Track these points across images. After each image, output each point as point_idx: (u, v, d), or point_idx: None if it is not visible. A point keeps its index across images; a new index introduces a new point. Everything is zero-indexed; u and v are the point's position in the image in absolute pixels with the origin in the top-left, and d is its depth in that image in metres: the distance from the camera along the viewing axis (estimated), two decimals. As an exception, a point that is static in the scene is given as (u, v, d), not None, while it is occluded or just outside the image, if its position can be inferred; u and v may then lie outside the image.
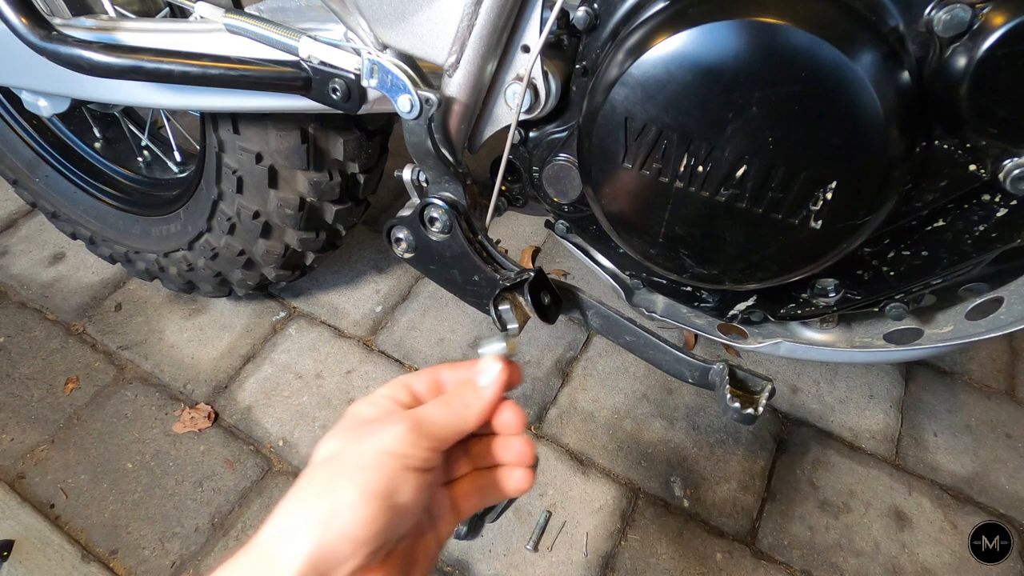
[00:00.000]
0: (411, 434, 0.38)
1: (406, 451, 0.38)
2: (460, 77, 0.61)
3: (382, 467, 0.37)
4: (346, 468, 0.37)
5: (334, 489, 0.36)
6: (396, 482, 0.36)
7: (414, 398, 0.45)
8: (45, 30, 0.65)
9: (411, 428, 0.39)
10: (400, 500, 0.36)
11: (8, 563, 0.90)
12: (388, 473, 0.36)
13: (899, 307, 0.68)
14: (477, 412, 0.43)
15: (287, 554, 0.33)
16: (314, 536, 0.34)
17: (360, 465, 0.37)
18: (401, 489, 0.36)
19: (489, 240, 0.66)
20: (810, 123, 0.50)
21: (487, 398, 0.43)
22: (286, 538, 0.34)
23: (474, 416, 0.43)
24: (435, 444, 0.39)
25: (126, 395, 1.11)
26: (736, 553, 0.95)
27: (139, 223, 1.14)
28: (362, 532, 0.34)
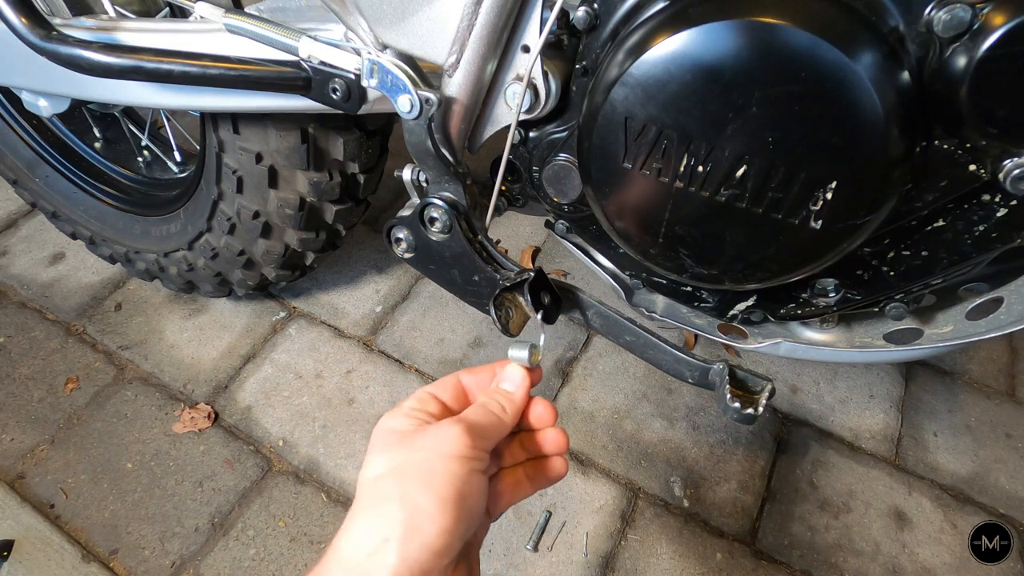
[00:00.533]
0: (468, 437, 0.39)
1: (468, 454, 0.38)
2: (460, 77, 0.61)
3: (451, 471, 0.37)
4: (415, 476, 0.37)
5: (410, 499, 0.36)
6: (467, 485, 0.37)
7: (442, 407, 0.46)
8: (45, 30, 0.65)
9: (466, 431, 0.40)
10: (471, 503, 0.37)
11: (8, 563, 0.90)
12: (459, 477, 0.37)
13: (899, 307, 0.68)
14: (513, 413, 0.45)
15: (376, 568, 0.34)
16: (397, 552, 0.34)
17: (430, 471, 0.37)
18: (472, 492, 0.37)
19: (489, 240, 0.66)
20: (810, 123, 0.50)
21: (518, 400, 0.46)
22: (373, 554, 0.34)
23: (511, 417, 0.45)
24: (487, 445, 0.41)
25: (126, 395, 1.11)
26: (736, 553, 0.95)
27: (139, 223, 1.14)
28: (442, 541, 0.35)
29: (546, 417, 0.49)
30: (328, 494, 1.00)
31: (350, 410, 1.10)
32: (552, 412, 0.49)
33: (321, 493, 1.00)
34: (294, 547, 0.94)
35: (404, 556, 0.34)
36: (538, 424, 0.49)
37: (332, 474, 1.02)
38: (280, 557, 0.93)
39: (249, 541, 0.94)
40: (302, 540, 0.94)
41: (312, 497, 0.99)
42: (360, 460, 1.03)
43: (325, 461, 1.03)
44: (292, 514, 0.97)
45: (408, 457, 0.39)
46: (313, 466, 1.03)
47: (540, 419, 0.49)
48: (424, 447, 0.39)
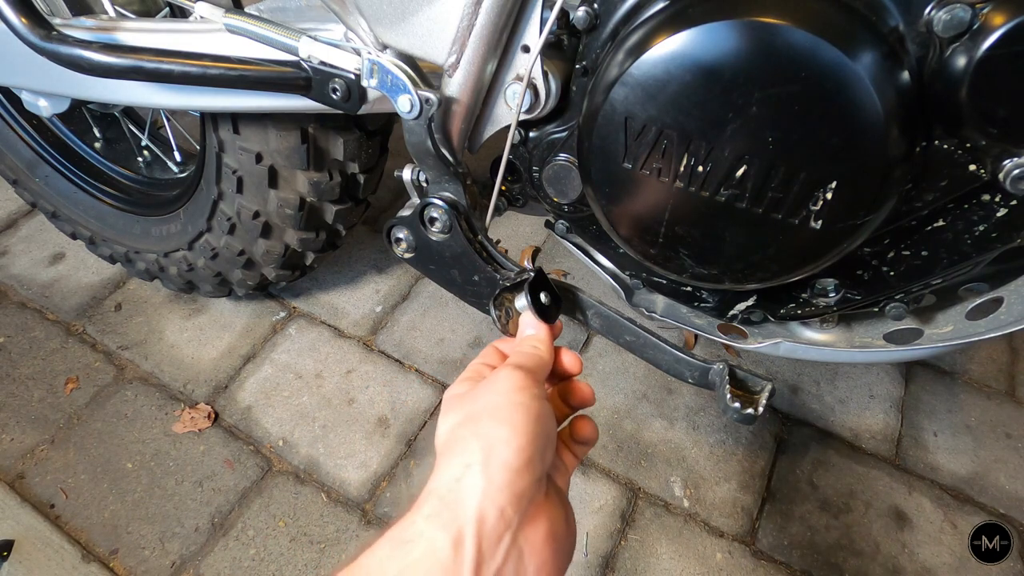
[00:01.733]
0: (519, 372, 0.44)
1: (524, 384, 0.43)
2: (460, 77, 0.61)
3: (514, 402, 0.41)
4: (485, 415, 0.41)
5: (484, 433, 0.39)
6: (533, 411, 0.41)
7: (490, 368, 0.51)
8: (45, 30, 0.65)
9: (516, 368, 0.44)
10: (540, 426, 0.40)
11: (8, 563, 0.90)
12: (522, 404, 0.41)
13: (899, 307, 0.68)
14: (546, 348, 0.51)
15: (465, 493, 0.36)
16: (482, 473, 0.37)
17: (495, 407, 0.41)
18: (539, 417, 0.41)
19: (489, 240, 0.66)
20: (810, 123, 0.50)
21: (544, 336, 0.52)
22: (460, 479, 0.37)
23: (546, 351, 0.50)
24: (538, 377, 0.45)
25: (126, 395, 1.11)
26: (736, 553, 0.95)
27: (139, 223, 1.14)
28: (520, 459, 0.38)
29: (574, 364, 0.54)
30: (328, 494, 1.00)
31: (350, 410, 1.10)
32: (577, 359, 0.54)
33: (321, 493, 1.00)
34: (294, 547, 0.94)
35: (488, 475, 0.37)
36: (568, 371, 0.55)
37: (332, 474, 1.02)
38: (280, 557, 0.93)
39: (249, 541, 0.94)
40: (302, 540, 0.94)
41: (312, 497, 0.99)
42: (360, 460, 1.03)
43: (325, 461, 1.03)
44: (292, 514, 0.97)
45: (474, 405, 0.42)
46: (313, 466, 1.03)
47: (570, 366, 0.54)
48: (485, 393, 0.43)
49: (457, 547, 0.35)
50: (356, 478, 1.01)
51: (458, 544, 0.35)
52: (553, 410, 0.49)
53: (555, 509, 0.40)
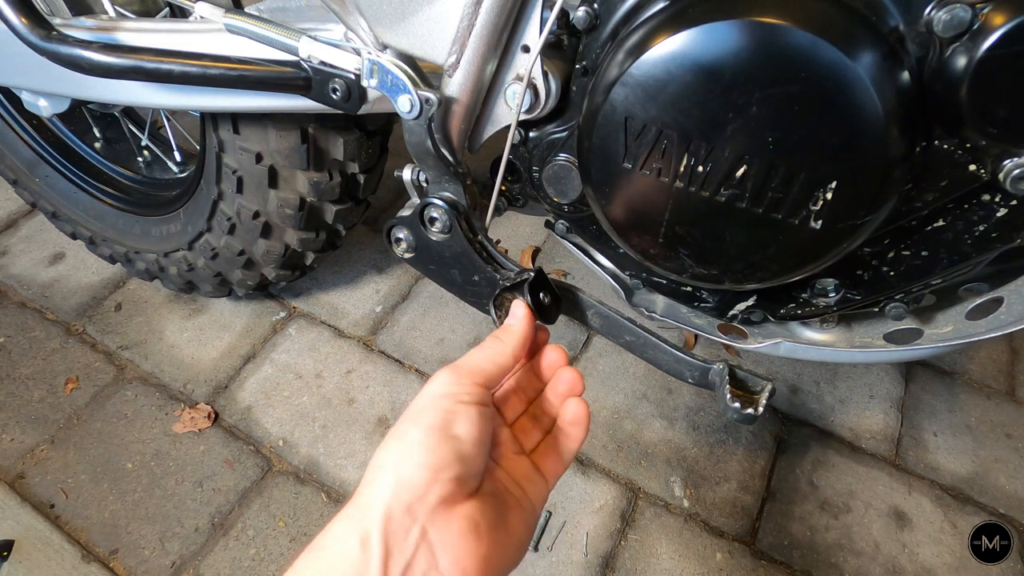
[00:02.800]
0: (452, 374, 0.45)
1: (452, 389, 0.43)
2: (460, 77, 0.61)
3: (436, 406, 0.42)
4: (407, 417, 0.42)
5: (401, 434, 0.41)
6: (450, 415, 0.41)
7: None
8: (45, 30, 0.65)
9: (451, 370, 0.45)
10: (458, 431, 0.41)
11: (8, 563, 0.90)
12: (442, 408, 0.42)
13: (899, 307, 0.68)
14: (511, 345, 0.50)
15: (374, 494, 0.38)
16: (392, 472, 0.38)
17: (418, 410, 0.42)
18: (456, 421, 0.41)
19: (489, 240, 0.66)
20: (810, 123, 0.50)
21: (517, 330, 0.51)
22: (371, 482, 0.39)
23: (509, 349, 0.49)
24: (479, 378, 0.45)
25: (126, 395, 1.11)
26: (736, 553, 0.95)
27: (139, 223, 1.14)
28: (430, 459, 0.39)
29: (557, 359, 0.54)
30: (328, 494, 1.00)
31: (350, 410, 1.10)
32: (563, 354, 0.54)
33: (321, 493, 1.00)
34: (294, 547, 0.94)
35: (398, 476, 0.38)
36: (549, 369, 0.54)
37: (332, 474, 1.02)
38: (280, 557, 0.92)
39: (249, 541, 0.94)
40: (302, 540, 0.94)
41: (312, 497, 0.99)
42: (360, 460, 1.03)
43: (325, 461, 1.03)
44: (292, 514, 0.97)
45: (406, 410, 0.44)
46: (313, 466, 1.03)
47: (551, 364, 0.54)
48: (418, 396, 0.44)
49: (365, 545, 0.36)
50: (356, 478, 1.01)
51: (365, 542, 0.36)
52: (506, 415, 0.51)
53: (484, 508, 0.41)
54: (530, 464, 0.49)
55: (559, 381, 0.53)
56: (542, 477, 0.49)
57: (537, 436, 0.52)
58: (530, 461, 0.49)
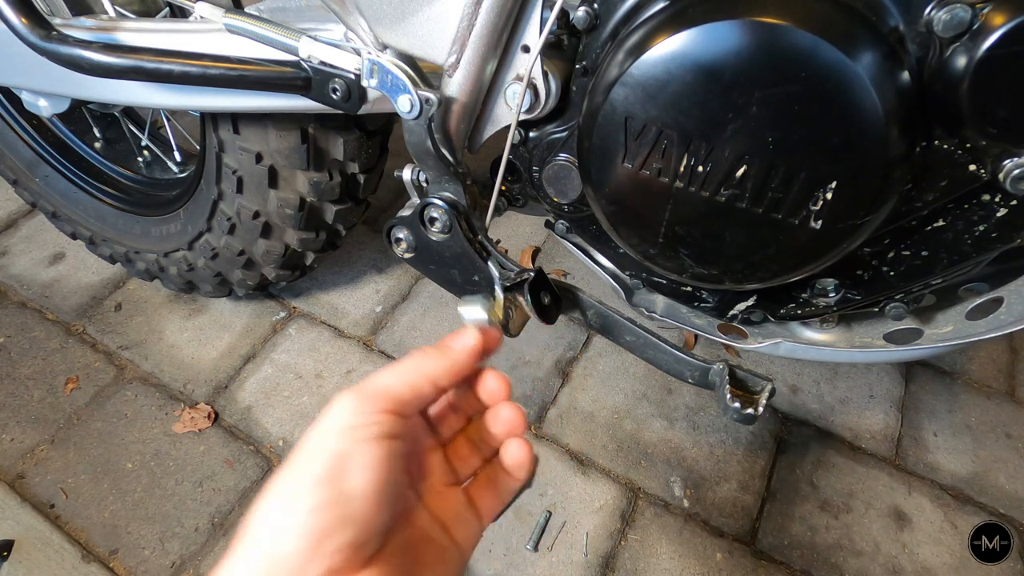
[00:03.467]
0: (354, 401, 0.35)
1: (352, 420, 0.34)
2: (460, 77, 0.61)
3: (327, 448, 0.33)
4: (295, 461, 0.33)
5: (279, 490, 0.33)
6: (343, 461, 0.32)
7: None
8: (45, 30, 0.65)
9: (354, 394, 0.35)
10: (352, 481, 0.32)
11: (8, 563, 0.90)
12: (333, 452, 0.33)
13: (899, 307, 0.68)
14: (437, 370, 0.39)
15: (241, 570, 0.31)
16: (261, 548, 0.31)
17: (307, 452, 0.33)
18: (351, 467, 0.32)
19: (489, 240, 0.66)
20: (810, 123, 0.50)
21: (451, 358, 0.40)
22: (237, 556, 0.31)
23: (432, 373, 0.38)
24: (388, 404, 0.36)
25: (126, 395, 1.11)
26: (736, 553, 0.95)
27: (139, 223, 1.14)
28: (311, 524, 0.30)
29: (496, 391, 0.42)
30: (328, 494, 0.99)
31: (350, 410, 1.10)
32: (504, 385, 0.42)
33: (321, 493, 1.00)
34: (294, 547, 0.94)
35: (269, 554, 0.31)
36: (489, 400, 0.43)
37: (332, 474, 1.02)
38: (280, 557, 0.92)
39: (249, 541, 0.94)
40: (302, 540, 0.94)
41: (312, 497, 0.99)
42: (360, 460, 1.03)
43: (325, 461, 1.03)
44: (292, 514, 0.97)
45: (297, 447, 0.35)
46: (313, 466, 1.03)
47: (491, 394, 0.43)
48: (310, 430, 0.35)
49: None
50: (356, 478, 1.01)
51: None
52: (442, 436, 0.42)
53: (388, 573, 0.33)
54: (463, 500, 0.41)
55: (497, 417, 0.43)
56: (476, 516, 0.41)
57: (475, 463, 0.43)
58: (464, 496, 0.42)
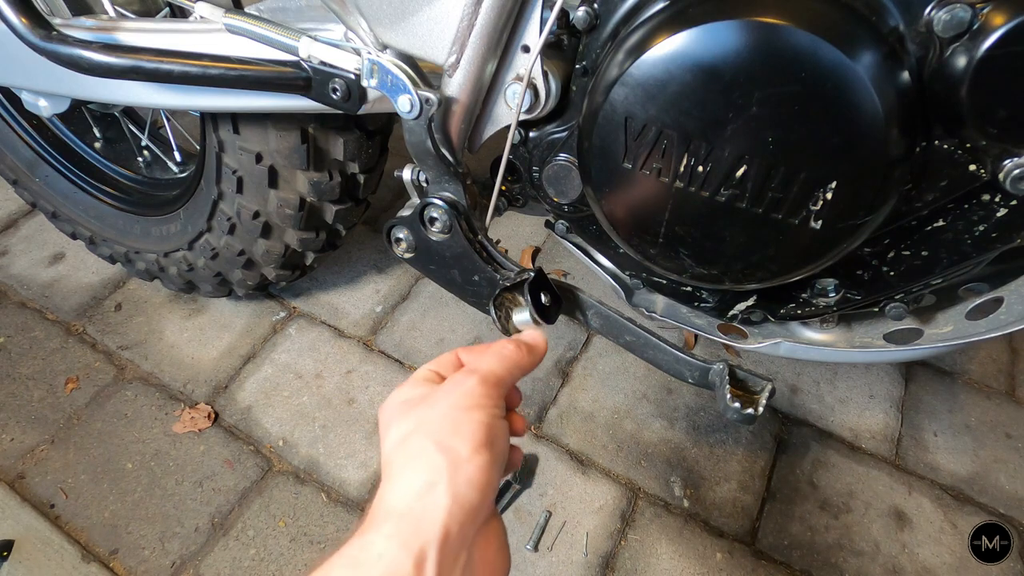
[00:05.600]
0: (483, 386, 0.42)
1: (486, 403, 0.41)
2: (460, 77, 0.61)
3: (475, 420, 0.39)
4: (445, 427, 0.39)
5: (447, 446, 0.38)
6: (493, 431, 0.40)
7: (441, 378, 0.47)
8: (45, 30, 0.65)
9: (481, 381, 0.42)
10: (500, 446, 0.40)
11: (8, 563, 0.90)
12: (483, 423, 0.39)
13: (899, 307, 0.68)
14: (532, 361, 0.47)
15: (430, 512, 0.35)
16: (448, 491, 0.36)
17: (456, 422, 0.39)
18: (498, 436, 0.40)
19: (489, 240, 0.66)
20: (810, 123, 0.50)
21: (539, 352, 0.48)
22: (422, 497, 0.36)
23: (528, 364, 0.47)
24: (503, 391, 0.43)
25: (126, 395, 1.11)
26: (736, 553, 0.95)
27: (139, 223, 1.14)
28: (484, 477, 0.37)
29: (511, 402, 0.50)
30: (328, 494, 1.00)
31: (350, 410, 1.10)
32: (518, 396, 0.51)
33: (321, 493, 1.00)
34: (294, 547, 0.94)
35: (454, 494, 0.36)
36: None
37: (332, 474, 1.02)
38: (280, 557, 0.92)
39: (249, 541, 0.94)
40: (302, 540, 0.94)
41: (312, 497, 0.99)
42: (360, 460, 1.03)
43: (325, 461, 1.03)
44: (292, 514, 0.97)
45: (430, 413, 0.40)
46: (313, 466, 1.03)
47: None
48: (444, 401, 0.41)
49: (419, 567, 0.34)
50: (356, 478, 1.01)
51: (420, 564, 0.34)
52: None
53: (499, 524, 0.40)
54: None
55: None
56: None
57: None
58: None
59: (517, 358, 0.46)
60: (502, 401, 0.43)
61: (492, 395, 0.42)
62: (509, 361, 0.46)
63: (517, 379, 0.46)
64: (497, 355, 0.46)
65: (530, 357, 0.47)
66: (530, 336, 0.50)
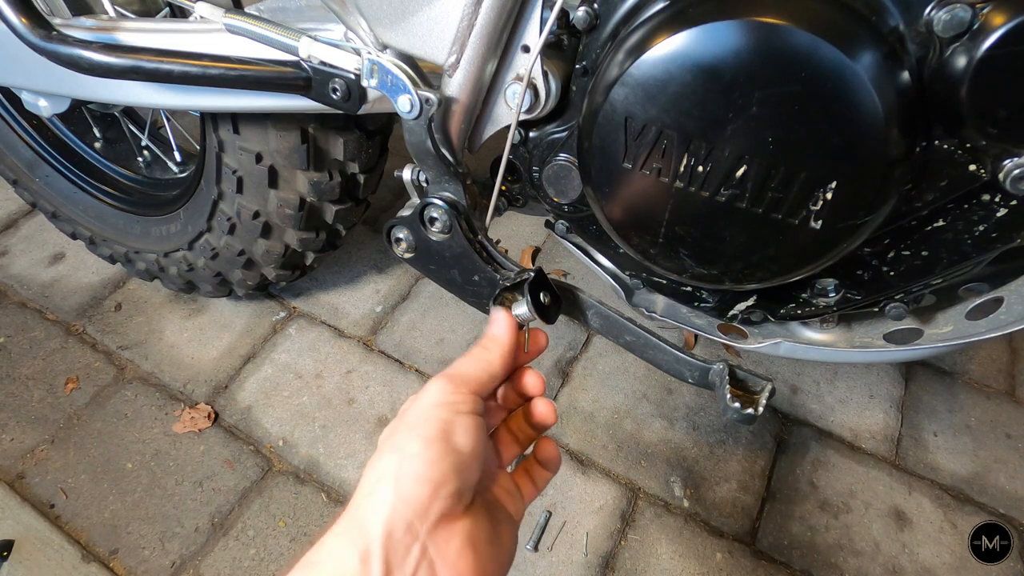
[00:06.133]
0: (448, 384, 0.44)
1: (450, 398, 0.42)
2: (460, 77, 0.61)
3: (434, 416, 0.41)
4: (405, 428, 0.41)
5: (400, 446, 0.40)
6: (450, 425, 0.41)
7: None
8: (45, 30, 0.65)
9: (446, 380, 0.44)
10: (458, 441, 0.40)
11: (8, 563, 0.90)
12: (441, 419, 0.41)
13: (899, 307, 0.68)
14: (499, 354, 0.48)
15: (373, 509, 0.37)
16: (391, 487, 0.37)
17: (416, 420, 0.41)
18: (456, 431, 0.40)
19: (489, 240, 0.66)
20: (810, 123, 0.50)
21: (501, 338, 0.49)
22: (369, 495, 0.38)
23: (496, 357, 0.48)
24: (473, 387, 0.44)
25: (126, 395, 1.11)
26: (736, 553, 0.95)
27: (139, 223, 1.14)
28: (432, 472, 0.38)
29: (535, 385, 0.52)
30: (328, 494, 1.00)
31: (350, 410, 1.10)
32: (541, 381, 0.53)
33: (321, 493, 1.00)
34: (294, 547, 0.94)
35: (398, 490, 0.37)
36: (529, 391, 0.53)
37: (332, 474, 1.02)
38: (280, 557, 0.92)
39: (249, 541, 0.94)
40: (302, 540, 0.94)
41: (312, 497, 0.99)
42: (360, 460, 1.03)
43: (325, 461, 1.03)
44: (292, 514, 0.97)
45: (401, 420, 0.42)
46: (313, 466, 1.03)
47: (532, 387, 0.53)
48: (411, 406, 0.43)
49: (365, 563, 0.35)
50: (356, 478, 1.01)
51: (366, 560, 0.35)
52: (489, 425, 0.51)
53: (479, 522, 0.40)
54: (511, 479, 0.50)
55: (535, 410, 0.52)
56: (521, 498, 0.49)
57: (515, 450, 0.52)
58: (511, 480, 0.50)
59: (480, 354, 0.48)
60: (471, 397, 0.44)
61: (457, 392, 0.43)
62: (474, 358, 0.47)
63: (493, 375, 0.47)
64: (467, 355, 0.48)
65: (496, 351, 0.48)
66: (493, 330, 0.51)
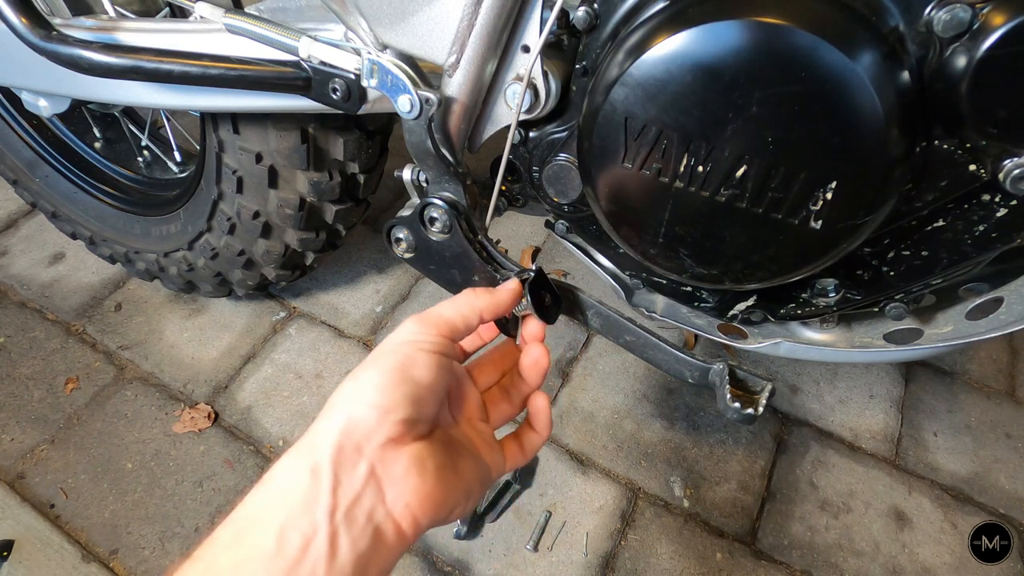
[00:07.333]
0: (419, 324, 0.46)
1: (415, 337, 0.45)
2: (460, 77, 0.61)
3: (396, 351, 0.44)
4: (368, 360, 0.44)
5: (358, 376, 0.42)
6: (410, 360, 0.43)
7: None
8: (45, 30, 0.65)
9: (417, 320, 0.47)
10: (416, 374, 0.42)
11: (8, 563, 0.90)
12: (402, 353, 0.43)
13: (899, 307, 0.68)
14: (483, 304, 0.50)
15: (323, 430, 0.39)
16: (343, 410, 0.40)
17: (378, 354, 0.44)
18: (415, 365, 0.43)
19: (489, 240, 0.66)
20: (810, 123, 0.50)
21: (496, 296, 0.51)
22: (323, 418, 0.41)
23: (479, 306, 0.50)
24: (443, 330, 0.47)
25: (126, 395, 1.11)
26: (736, 553, 0.95)
27: (139, 223, 1.14)
28: (383, 399, 0.40)
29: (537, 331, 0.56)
30: (328, 494, 0.99)
31: (350, 410, 1.10)
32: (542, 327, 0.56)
33: (321, 493, 1.00)
34: (294, 547, 0.94)
35: (349, 413, 0.40)
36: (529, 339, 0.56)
37: (332, 474, 1.02)
38: (280, 557, 0.92)
39: (249, 541, 0.94)
40: (302, 540, 0.94)
41: (312, 497, 0.99)
42: (360, 460, 1.03)
43: (325, 461, 1.03)
44: (292, 514, 0.97)
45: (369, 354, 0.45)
46: (313, 466, 1.03)
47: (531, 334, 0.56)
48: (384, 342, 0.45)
49: (315, 475, 0.38)
50: (356, 478, 1.01)
51: (316, 472, 0.38)
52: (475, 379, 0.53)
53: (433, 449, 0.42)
54: (492, 434, 0.51)
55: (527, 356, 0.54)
56: (502, 454, 0.51)
57: (505, 409, 0.54)
58: (493, 434, 0.52)
59: (463, 298, 0.50)
60: (439, 339, 0.46)
61: (426, 332, 0.45)
62: (455, 302, 0.49)
63: (468, 322, 0.49)
64: (452, 298, 0.50)
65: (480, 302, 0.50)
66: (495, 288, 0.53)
